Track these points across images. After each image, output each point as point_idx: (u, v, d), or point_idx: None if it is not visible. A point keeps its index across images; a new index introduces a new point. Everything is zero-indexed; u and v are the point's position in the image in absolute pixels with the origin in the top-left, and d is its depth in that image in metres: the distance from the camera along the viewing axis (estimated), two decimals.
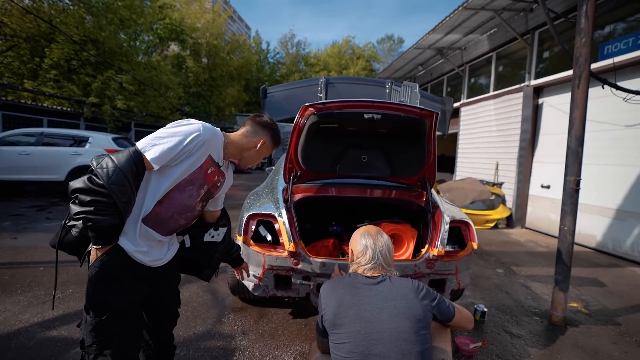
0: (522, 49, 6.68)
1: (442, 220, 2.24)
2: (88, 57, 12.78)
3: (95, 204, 1.03)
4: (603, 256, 4.88)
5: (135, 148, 1.11)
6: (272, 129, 1.47)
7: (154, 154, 1.12)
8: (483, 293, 3.35)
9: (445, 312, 1.39)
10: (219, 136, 1.32)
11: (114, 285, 1.17)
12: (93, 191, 1.03)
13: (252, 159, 1.48)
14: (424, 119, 2.10)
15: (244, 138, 1.43)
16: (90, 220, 1.04)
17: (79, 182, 1.04)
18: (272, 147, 1.50)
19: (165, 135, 1.15)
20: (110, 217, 1.06)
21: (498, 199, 6.47)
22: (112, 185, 1.03)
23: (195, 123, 1.21)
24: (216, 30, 23.60)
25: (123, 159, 1.07)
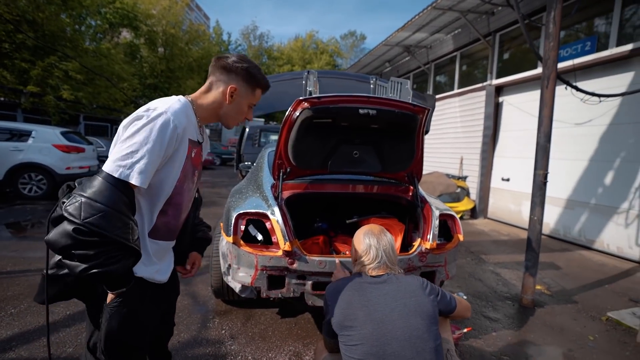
0: (484, 49, 7.07)
1: (432, 214, 2.30)
2: (24, 39, 11.39)
3: (103, 255, 0.84)
4: (555, 242, 5.36)
5: (114, 176, 0.88)
6: (241, 68, 1.11)
7: (137, 177, 0.90)
8: (459, 281, 3.53)
9: (447, 304, 1.42)
10: (190, 111, 1.08)
11: (135, 323, 1.04)
12: (94, 243, 0.83)
13: (231, 116, 1.16)
14: (416, 115, 2.12)
15: (210, 94, 1.13)
16: (102, 274, 0.85)
17: (65, 238, 0.81)
18: (253, 91, 1.15)
19: (138, 148, 0.91)
20: (124, 260, 0.89)
21: (463, 191, 6.84)
22: (114, 230, 0.84)
23: (162, 113, 0.96)
24: (173, 18, 22.28)
25: (108, 195, 0.85)
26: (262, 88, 1.18)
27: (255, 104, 1.20)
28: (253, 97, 1.17)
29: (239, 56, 1.13)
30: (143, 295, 1.05)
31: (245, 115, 1.19)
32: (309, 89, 2.69)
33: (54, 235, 0.83)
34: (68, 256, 0.84)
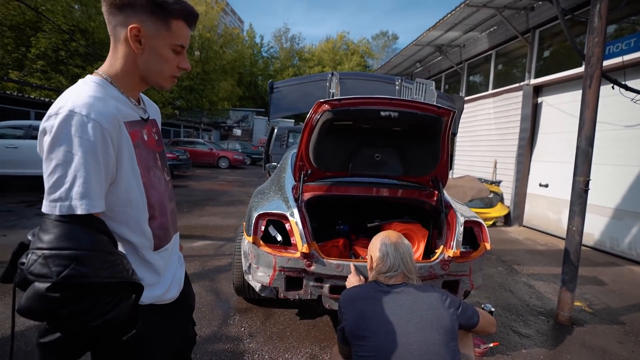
0: (522, 47, 6.69)
1: (457, 220, 2.20)
2: (77, 47, 12.39)
3: (97, 303, 0.69)
4: (601, 255, 4.95)
5: (63, 214, 0.69)
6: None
7: (82, 204, 0.70)
8: (488, 292, 3.35)
9: (469, 318, 1.34)
10: (111, 89, 0.84)
11: (148, 351, 0.92)
12: (81, 296, 0.67)
13: (154, 70, 0.87)
14: (440, 117, 2.04)
15: (117, 54, 0.84)
16: (102, 326, 0.70)
17: (40, 302, 0.64)
18: (168, 26, 0.83)
19: (63, 170, 0.70)
20: (124, 301, 0.74)
21: (496, 197, 6.51)
22: (102, 273, 0.69)
23: (69, 114, 0.71)
24: (209, 22, 23.19)
25: (72, 236, 0.69)
26: (180, 19, 0.85)
27: (182, 44, 0.87)
28: (172, 34, 0.84)
29: None
30: (153, 322, 0.91)
31: (175, 63, 0.88)
32: (331, 90, 2.69)
33: (26, 302, 0.64)
34: (54, 319, 0.68)
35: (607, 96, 4.26)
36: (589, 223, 5.15)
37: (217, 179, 11.88)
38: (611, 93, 4.20)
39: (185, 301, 1.13)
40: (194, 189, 9.20)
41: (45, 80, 12.18)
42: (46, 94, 11.64)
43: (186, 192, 8.43)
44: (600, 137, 4.97)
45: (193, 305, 1.24)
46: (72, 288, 0.66)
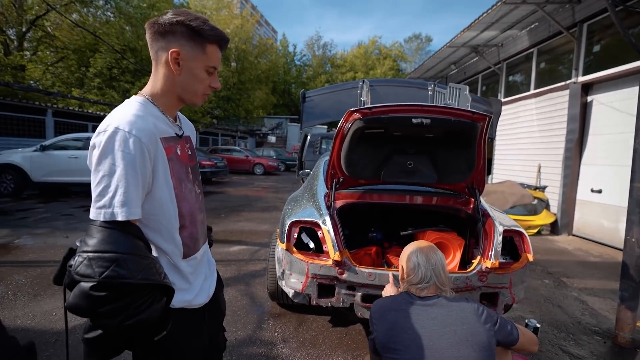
0: (568, 43, 6.26)
1: (495, 229, 2.11)
2: (128, 65, 13.51)
3: (132, 304, 0.77)
4: None
5: (107, 220, 0.79)
6: (178, 24, 0.88)
7: (122, 211, 0.79)
8: (532, 306, 3.14)
9: (507, 335, 1.26)
10: (151, 108, 0.94)
11: (177, 354, 0.99)
12: (119, 295, 0.75)
13: (189, 89, 0.96)
14: (475, 122, 1.98)
15: (158, 75, 0.94)
16: (135, 325, 0.77)
17: (85, 300, 0.73)
18: (203, 50, 0.92)
19: (108, 181, 0.80)
20: (155, 303, 0.81)
21: (541, 203, 6.09)
22: (137, 275, 0.76)
23: (115, 131, 0.81)
24: (244, 35, 24.18)
25: (112, 240, 0.77)
26: (214, 43, 0.94)
27: (215, 66, 0.96)
28: (206, 57, 0.93)
29: (174, 11, 0.91)
30: (184, 325, 0.99)
31: (208, 82, 0.97)
32: (362, 99, 2.70)
33: (73, 299, 0.73)
34: (95, 316, 0.77)
35: None
36: None
37: (252, 185, 12.27)
38: None
39: (216, 307, 1.19)
40: (230, 195, 9.58)
41: (101, 95, 13.40)
42: (101, 108, 12.78)
43: (223, 198, 8.80)
44: None
45: (224, 311, 1.29)
46: (112, 288, 0.73)
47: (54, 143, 7.46)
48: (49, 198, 7.46)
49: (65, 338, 0.95)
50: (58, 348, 2.18)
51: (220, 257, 4.12)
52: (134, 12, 13.85)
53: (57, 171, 7.25)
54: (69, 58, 13.58)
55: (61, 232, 4.79)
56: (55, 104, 11.30)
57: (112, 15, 13.79)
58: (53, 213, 6.01)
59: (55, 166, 7.23)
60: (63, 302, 0.79)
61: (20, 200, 7.12)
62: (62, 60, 13.87)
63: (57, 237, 4.55)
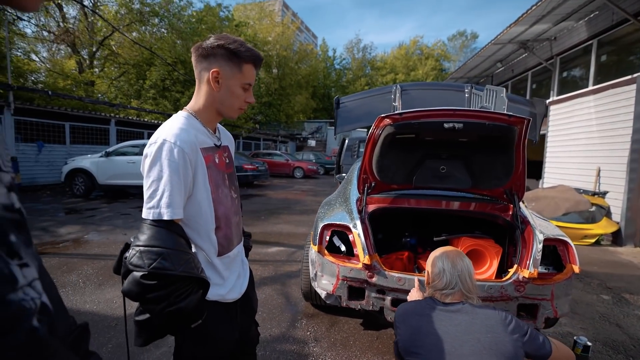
0: (635, 32, 5.64)
1: (534, 237, 2.00)
2: (178, 76, 14.62)
3: (173, 293, 0.89)
4: None
5: (155, 219, 0.93)
6: (218, 47, 1.01)
7: (167, 211, 0.93)
8: (584, 323, 2.89)
9: (539, 348, 1.21)
10: (193, 121, 1.07)
11: (209, 343, 1.10)
12: (163, 285, 0.87)
13: (227, 104, 1.08)
14: (512, 126, 1.91)
15: (201, 92, 1.08)
16: (175, 312, 0.90)
17: (136, 287, 0.87)
18: (240, 69, 1.04)
19: (156, 186, 0.94)
20: (193, 295, 0.93)
21: (601, 210, 5.53)
22: (179, 267, 0.89)
23: (162, 143, 0.96)
24: (285, 42, 24.94)
25: (160, 237, 0.90)
26: (250, 63, 1.06)
27: (250, 82, 1.09)
28: (243, 75, 1.06)
29: (216, 36, 1.04)
30: (218, 317, 1.09)
31: (243, 98, 1.09)
32: (394, 104, 2.71)
33: (127, 285, 0.88)
34: (144, 301, 0.89)
35: None
36: None
37: (292, 188, 12.58)
38: None
39: (248, 303, 1.30)
40: (270, 197, 9.92)
41: (155, 105, 14.65)
42: (155, 117, 13.97)
43: (264, 201, 9.14)
44: None
45: (255, 308, 1.40)
46: (157, 277, 0.86)
47: (116, 149, 8.33)
48: (111, 199, 8.32)
49: (124, 321, 1.12)
50: (118, 331, 2.47)
51: (259, 257, 4.32)
52: (184, 27, 14.96)
53: (118, 175, 8.08)
54: (129, 72, 15.05)
55: (120, 230, 5.34)
56: (117, 114, 12.57)
57: (165, 31, 15.02)
58: (115, 212, 6.70)
59: (116, 170, 8.05)
60: (121, 290, 0.92)
61: (89, 200, 8.03)
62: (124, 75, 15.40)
63: (117, 234, 5.08)
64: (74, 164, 8.19)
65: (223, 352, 1.15)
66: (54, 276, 3.38)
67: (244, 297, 1.25)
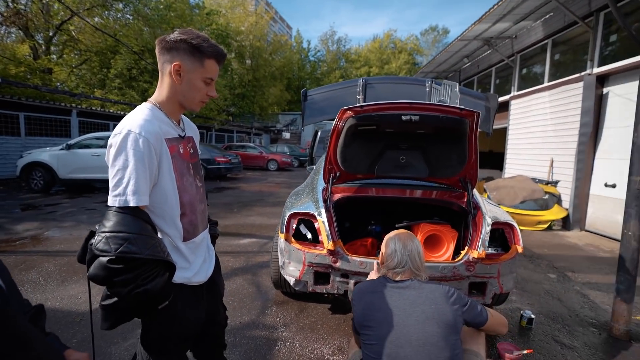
0: (583, 33, 6.08)
1: (484, 221, 2.18)
2: (146, 65, 13.99)
3: (140, 276, 0.93)
4: None
5: (121, 206, 0.96)
6: (181, 42, 1.05)
7: (133, 198, 0.96)
8: (532, 299, 3.18)
9: (477, 316, 1.37)
10: (157, 112, 1.10)
11: (175, 324, 1.15)
12: (130, 268, 0.91)
13: (188, 97, 1.12)
14: (464, 119, 2.06)
15: (163, 84, 1.11)
16: (143, 293, 0.93)
17: (103, 270, 0.89)
18: (202, 64, 1.08)
19: (122, 174, 0.97)
20: (160, 277, 0.97)
21: (553, 198, 6.00)
22: (145, 251, 0.93)
23: (127, 133, 0.99)
24: (259, 32, 24.42)
25: (125, 223, 0.94)
26: (212, 58, 1.09)
27: (212, 77, 1.12)
28: (205, 70, 1.09)
29: (180, 31, 1.07)
30: (184, 298, 1.15)
31: (205, 91, 1.13)
32: (358, 97, 2.81)
33: (93, 270, 0.90)
34: (110, 285, 0.92)
35: None
36: None
37: (265, 180, 12.53)
38: None
39: (214, 287, 1.37)
40: (244, 190, 9.85)
41: (121, 95, 13.96)
42: (122, 108, 13.33)
43: (237, 194, 9.07)
44: None
45: (222, 292, 1.47)
46: (124, 261, 0.90)
47: (79, 142, 7.91)
48: (74, 194, 7.93)
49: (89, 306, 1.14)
50: (83, 326, 2.43)
51: (230, 249, 4.33)
52: (151, 14, 14.27)
53: (81, 168, 7.70)
54: (92, 60, 14.20)
55: (85, 225, 5.15)
56: (79, 104, 11.88)
57: (131, 17, 14.27)
58: (78, 208, 6.42)
59: (79, 163, 7.67)
60: (87, 275, 0.94)
61: (48, 195, 7.61)
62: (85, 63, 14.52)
63: (82, 230, 4.89)
64: (30, 157, 7.72)
65: (189, 332, 1.21)
66: None
67: (210, 281, 1.32)
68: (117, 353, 2.14)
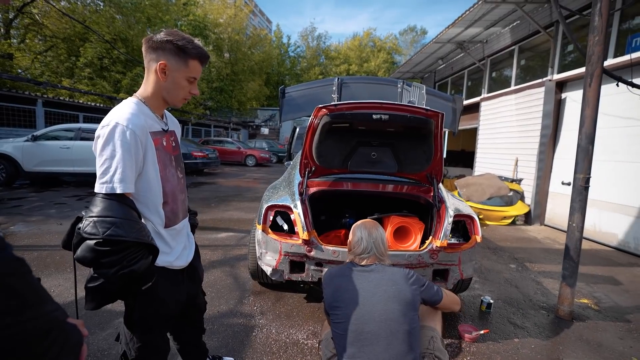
0: (546, 42, 6.52)
1: (447, 213, 2.38)
2: (118, 55, 13.46)
3: (125, 258, 0.98)
4: (624, 255, 4.80)
5: (108, 193, 1.03)
6: (167, 42, 1.12)
7: (120, 185, 1.03)
8: (492, 286, 3.45)
9: (433, 295, 1.55)
10: (142, 107, 1.18)
11: (156, 305, 1.23)
12: (116, 250, 0.97)
13: (172, 93, 1.20)
14: (429, 119, 2.23)
15: (149, 80, 1.19)
16: (128, 274, 0.99)
17: (90, 252, 0.95)
18: (186, 64, 1.16)
19: (109, 163, 1.04)
20: (144, 259, 1.03)
21: (516, 195, 6.42)
22: (131, 234, 0.99)
23: (115, 125, 1.06)
24: (238, 25, 23.99)
25: (112, 208, 1.00)
26: (196, 59, 1.18)
27: (195, 76, 1.21)
28: (189, 70, 1.17)
29: (166, 32, 1.14)
30: (165, 280, 1.23)
31: (188, 89, 1.21)
32: (333, 96, 2.93)
33: (81, 252, 0.96)
34: (97, 266, 0.98)
35: (624, 92, 4.15)
36: (613, 223, 5.02)
37: (243, 176, 12.46)
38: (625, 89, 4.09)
39: (194, 272, 1.48)
40: (221, 185, 9.77)
41: (92, 86, 13.37)
42: (92, 98, 12.78)
43: (214, 189, 9.00)
44: (621, 134, 4.82)
45: (201, 277, 1.57)
46: (111, 243, 0.96)
47: (45, 133, 7.55)
48: (41, 187, 7.59)
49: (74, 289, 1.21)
50: None
51: (208, 242, 4.36)
52: (124, 2, 13.73)
53: (48, 161, 7.37)
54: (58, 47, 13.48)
55: (55, 220, 4.98)
56: (45, 93, 11.28)
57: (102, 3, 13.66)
58: (46, 202, 6.17)
59: (46, 156, 7.34)
60: (73, 259, 0.99)
61: (12, 189, 7.24)
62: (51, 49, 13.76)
63: (51, 224, 4.74)
64: None
65: (170, 312, 1.30)
66: None
67: (191, 267, 1.42)
68: (95, 343, 2.16)
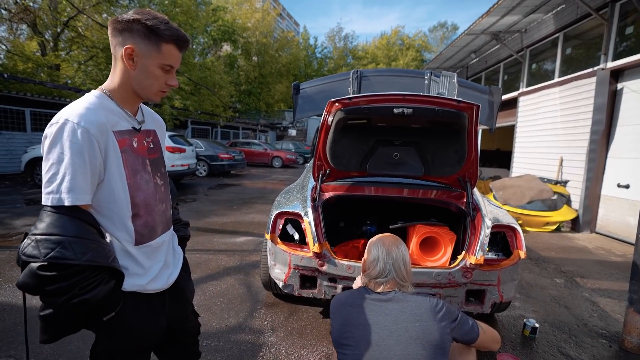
0: (598, 26, 5.80)
1: (483, 224, 2.02)
2: None
3: (78, 284, 0.82)
4: None
5: (55, 205, 0.84)
6: (134, 22, 0.92)
7: (68, 196, 0.84)
8: (536, 306, 3.00)
9: (467, 333, 1.22)
10: (107, 102, 0.97)
11: (127, 335, 1.03)
12: (65, 276, 0.80)
13: (144, 85, 0.99)
14: (462, 112, 1.90)
15: (116, 70, 0.98)
16: (81, 304, 0.82)
17: (32, 278, 0.78)
18: (158, 48, 0.95)
19: (56, 169, 0.84)
20: (102, 285, 0.86)
21: (562, 198, 5.76)
22: (83, 257, 0.81)
23: (64, 123, 0.86)
24: (265, 28, 24.32)
25: (60, 224, 0.82)
26: (171, 43, 0.96)
27: (171, 64, 0.99)
28: (162, 56, 0.96)
29: (135, 10, 0.94)
30: (137, 308, 1.02)
31: (164, 80, 1.00)
32: (349, 89, 2.65)
33: (22, 277, 0.79)
34: (42, 294, 0.82)
35: None
36: None
37: (269, 177, 12.44)
38: None
39: (180, 294, 1.23)
40: (246, 187, 9.77)
41: None
42: None
43: (239, 191, 8.99)
44: None
45: (190, 298, 1.32)
46: (57, 268, 0.78)
47: None
48: None
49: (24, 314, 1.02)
50: None
51: (226, 247, 4.23)
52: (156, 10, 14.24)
53: None
54: (98, 56, 14.25)
55: None
56: None
57: None
58: None
59: None
60: (16, 284, 0.84)
61: None
62: (92, 59, 14.57)
63: None
64: (35, 153, 7.74)
65: (144, 344, 1.09)
66: (1, 271, 3.18)
67: (175, 288, 1.18)
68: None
